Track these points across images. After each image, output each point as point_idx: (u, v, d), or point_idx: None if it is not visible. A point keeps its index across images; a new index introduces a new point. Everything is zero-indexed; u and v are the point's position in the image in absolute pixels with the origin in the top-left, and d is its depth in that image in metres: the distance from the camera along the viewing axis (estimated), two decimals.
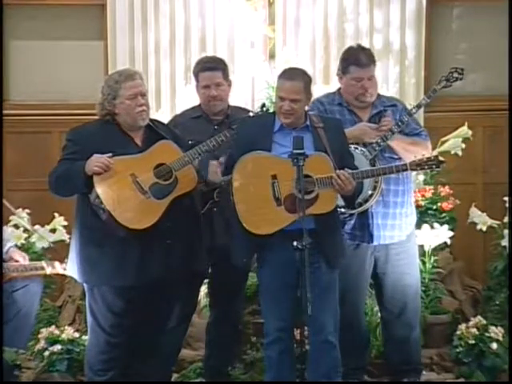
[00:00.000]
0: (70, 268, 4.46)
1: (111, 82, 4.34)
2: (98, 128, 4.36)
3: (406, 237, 4.82)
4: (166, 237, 4.29)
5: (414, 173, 4.95)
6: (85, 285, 4.47)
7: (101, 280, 4.30)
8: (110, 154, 4.19)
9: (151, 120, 4.46)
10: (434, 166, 4.38)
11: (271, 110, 4.64)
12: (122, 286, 4.27)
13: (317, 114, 4.75)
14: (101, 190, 4.17)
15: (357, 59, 4.72)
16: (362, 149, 4.65)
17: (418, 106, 4.76)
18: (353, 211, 4.67)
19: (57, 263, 5.15)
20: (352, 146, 4.59)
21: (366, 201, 4.64)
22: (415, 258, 4.95)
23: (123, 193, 4.22)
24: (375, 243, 4.75)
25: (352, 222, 4.74)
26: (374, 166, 4.60)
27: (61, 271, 5.12)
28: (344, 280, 4.65)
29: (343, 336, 4.51)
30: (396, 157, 4.70)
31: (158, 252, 4.29)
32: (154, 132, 4.42)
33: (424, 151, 4.66)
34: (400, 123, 4.68)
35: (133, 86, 4.32)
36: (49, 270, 5.13)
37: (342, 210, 4.63)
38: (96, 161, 4.17)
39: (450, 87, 4.83)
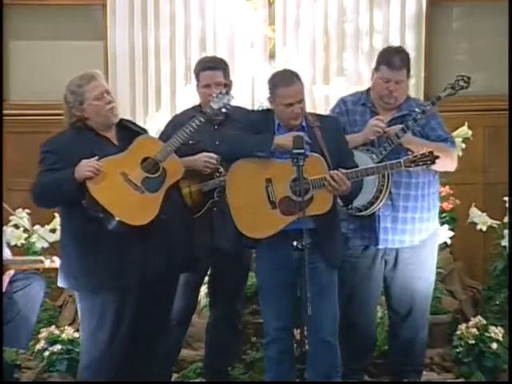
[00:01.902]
0: (63, 279, 4.39)
1: (74, 88, 4.30)
2: (73, 135, 4.30)
3: (419, 242, 4.75)
4: (162, 229, 4.26)
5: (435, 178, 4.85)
6: (80, 292, 4.39)
7: (103, 283, 4.25)
8: (96, 158, 4.18)
9: (120, 118, 4.44)
10: (428, 162, 4.31)
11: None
12: (124, 286, 4.25)
13: (338, 112, 4.76)
14: (96, 193, 4.15)
15: (389, 60, 4.67)
16: (373, 150, 4.61)
17: (423, 112, 4.64)
18: (359, 213, 4.65)
19: (56, 258, 5.15)
20: (364, 149, 4.59)
21: (372, 203, 4.60)
22: (428, 263, 4.85)
23: (118, 192, 4.21)
24: (381, 246, 4.72)
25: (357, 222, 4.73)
26: None
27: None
28: (352, 281, 4.67)
29: (349, 336, 4.53)
30: None
31: (156, 245, 4.26)
32: (126, 128, 4.41)
33: (446, 158, 4.64)
34: (406, 128, 4.59)
35: (97, 85, 4.30)
36: (47, 263, 5.12)
37: (350, 211, 4.63)
38: (86, 165, 4.14)
39: (454, 95, 4.74)
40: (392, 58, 4.68)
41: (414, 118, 4.62)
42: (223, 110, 4.62)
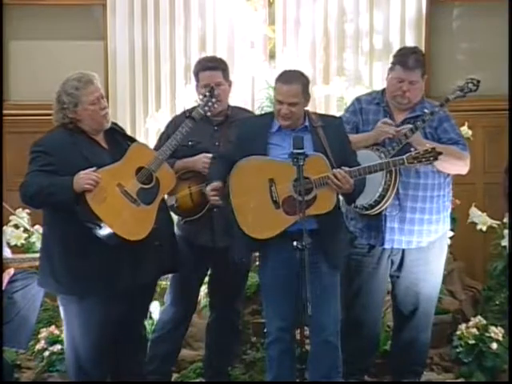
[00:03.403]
0: (45, 282, 4.38)
1: (71, 90, 4.25)
2: (65, 137, 4.27)
3: (427, 244, 4.74)
4: (153, 238, 4.25)
5: (448, 180, 4.82)
6: (65, 296, 4.35)
7: (91, 289, 4.21)
8: (94, 168, 4.14)
9: None
10: (431, 159, 4.30)
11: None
12: (113, 292, 4.22)
13: (352, 111, 4.76)
14: (95, 207, 4.11)
15: (403, 60, 4.65)
16: (382, 149, 4.59)
17: (432, 114, 4.61)
18: (366, 212, 4.64)
19: None
20: (374, 147, 4.59)
21: (379, 202, 4.59)
22: (436, 266, 4.84)
23: (116, 205, 4.18)
24: (387, 246, 4.72)
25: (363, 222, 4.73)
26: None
27: None
28: (357, 279, 4.68)
29: (353, 335, 4.53)
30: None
31: (146, 252, 4.25)
32: (113, 131, 4.40)
33: (458, 161, 4.65)
34: (414, 129, 4.57)
35: (94, 90, 4.27)
36: None
37: (357, 209, 4.64)
38: (86, 178, 4.09)
39: (463, 97, 4.70)
40: (406, 59, 4.66)
41: (422, 119, 4.61)
42: (208, 114, 4.63)
